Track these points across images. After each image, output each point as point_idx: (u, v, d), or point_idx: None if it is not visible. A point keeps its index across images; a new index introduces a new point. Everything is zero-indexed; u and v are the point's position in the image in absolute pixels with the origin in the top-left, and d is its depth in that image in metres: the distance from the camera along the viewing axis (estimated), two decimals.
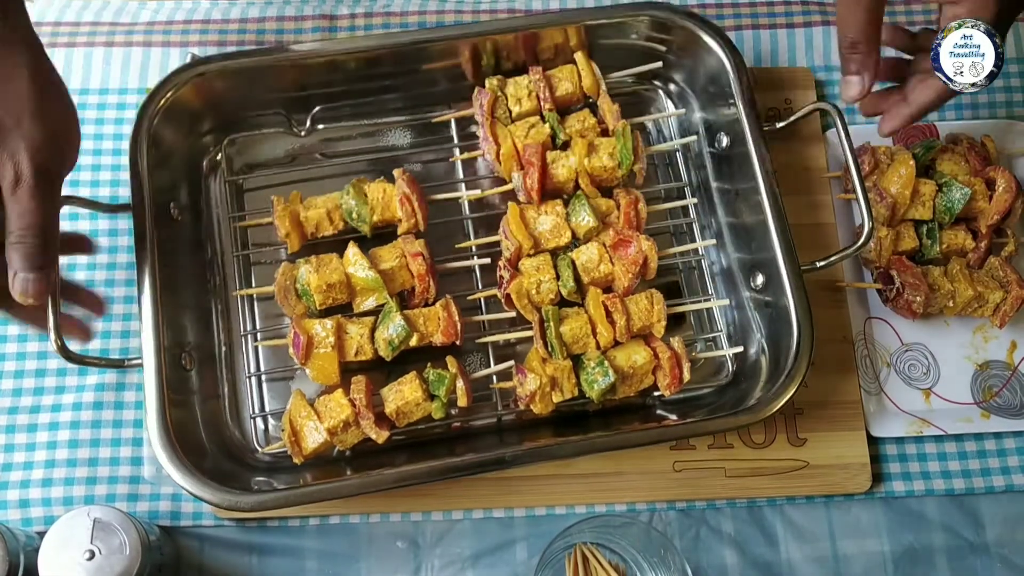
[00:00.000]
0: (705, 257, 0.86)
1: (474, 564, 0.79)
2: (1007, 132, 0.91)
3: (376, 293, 0.76)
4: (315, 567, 0.78)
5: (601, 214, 0.80)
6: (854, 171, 0.76)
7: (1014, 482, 0.83)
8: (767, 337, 0.80)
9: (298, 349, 0.74)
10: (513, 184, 0.81)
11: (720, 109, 0.84)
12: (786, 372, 0.74)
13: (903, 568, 0.80)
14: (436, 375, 0.73)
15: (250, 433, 0.80)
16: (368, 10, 0.95)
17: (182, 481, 0.69)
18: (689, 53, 0.85)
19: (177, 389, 0.73)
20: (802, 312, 0.75)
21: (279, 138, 0.87)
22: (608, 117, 0.82)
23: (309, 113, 0.87)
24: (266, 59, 0.81)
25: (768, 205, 0.77)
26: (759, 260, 0.80)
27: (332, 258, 0.77)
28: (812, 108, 0.81)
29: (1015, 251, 0.87)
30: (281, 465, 0.77)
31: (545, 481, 0.80)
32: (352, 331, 0.75)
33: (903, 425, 0.83)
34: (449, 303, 0.76)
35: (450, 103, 0.87)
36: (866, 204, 0.75)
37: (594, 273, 0.78)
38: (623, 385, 0.76)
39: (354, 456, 0.77)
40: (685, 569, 0.72)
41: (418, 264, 0.76)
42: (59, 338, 0.68)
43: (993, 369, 0.87)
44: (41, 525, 0.77)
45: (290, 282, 0.76)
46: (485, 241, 0.82)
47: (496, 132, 0.81)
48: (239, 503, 0.69)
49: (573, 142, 0.81)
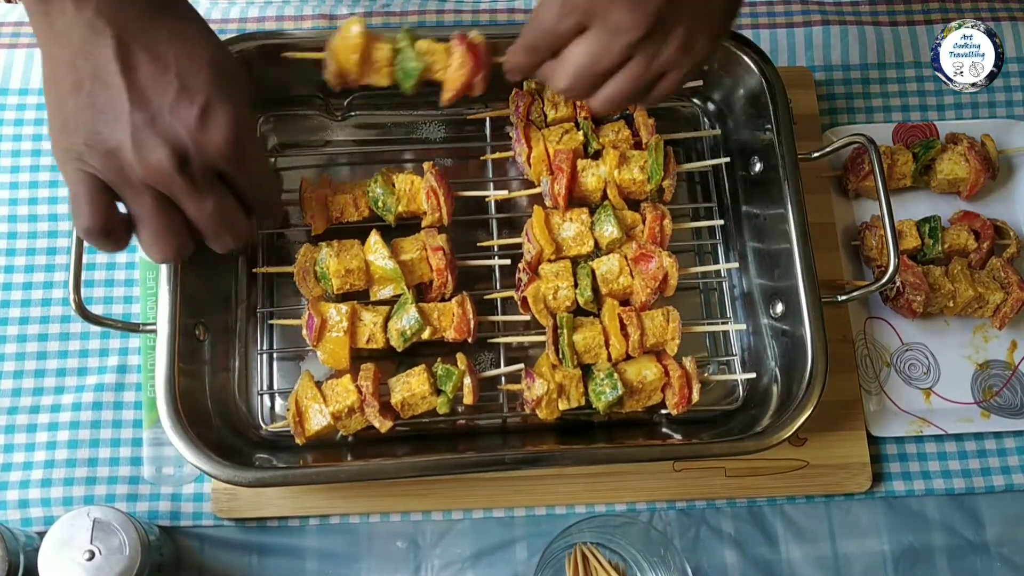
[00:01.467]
0: (727, 279, 0.86)
1: (474, 564, 0.79)
2: (1007, 131, 0.91)
3: (394, 283, 0.76)
4: (315, 567, 0.78)
5: (626, 226, 0.79)
6: (886, 215, 0.75)
7: (1014, 482, 0.83)
8: (781, 366, 0.79)
9: (311, 331, 0.74)
10: (541, 188, 0.81)
11: (756, 132, 0.83)
12: (796, 402, 0.73)
13: (903, 567, 0.80)
14: (445, 370, 0.73)
15: (256, 409, 0.80)
16: (367, 9, 0.95)
17: (184, 450, 0.69)
18: (730, 73, 0.84)
19: (188, 358, 0.73)
20: (818, 344, 0.74)
21: (315, 120, 0.87)
22: (643, 130, 0.82)
23: (347, 99, 0.87)
24: (308, 42, 0.81)
25: (795, 235, 0.76)
26: (780, 288, 0.79)
27: (354, 244, 0.77)
28: (848, 141, 0.79)
29: (1016, 253, 0.87)
30: (283, 444, 0.77)
31: (545, 481, 0.80)
32: (366, 318, 0.75)
33: (903, 425, 0.83)
34: (465, 300, 0.76)
35: (487, 102, 0.87)
36: (894, 245, 0.74)
37: (613, 285, 0.78)
38: (631, 399, 0.76)
39: (356, 443, 0.78)
40: (685, 569, 0.72)
41: (438, 258, 0.76)
42: (77, 295, 0.69)
43: (993, 369, 0.87)
44: (41, 525, 0.77)
45: (310, 264, 0.76)
46: (508, 242, 0.82)
47: (529, 135, 0.81)
48: (236, 477, 0.69)
49: (605, 152, 0.80)
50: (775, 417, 0.75)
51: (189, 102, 0.58)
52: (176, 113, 0.58)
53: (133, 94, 0.57)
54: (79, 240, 0.70)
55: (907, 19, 0.98)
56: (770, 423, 0.74)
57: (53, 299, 0.83)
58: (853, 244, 0.88)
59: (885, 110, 0.94)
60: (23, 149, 0.88)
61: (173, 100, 0.58)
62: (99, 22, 0.57)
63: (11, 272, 0.84)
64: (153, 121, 0.57)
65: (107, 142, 0.57)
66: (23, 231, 0.85)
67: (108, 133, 0.57)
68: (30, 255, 0.85)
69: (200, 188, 0.60)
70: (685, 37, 0.60)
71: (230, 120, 0.59)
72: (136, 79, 0.58)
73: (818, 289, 0.75)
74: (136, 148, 0.57)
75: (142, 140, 0.57)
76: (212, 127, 0.59)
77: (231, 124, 0.59)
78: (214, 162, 0.60)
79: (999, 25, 0.96)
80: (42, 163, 0.87)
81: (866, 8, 0.98)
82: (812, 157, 0.80)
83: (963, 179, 0.88)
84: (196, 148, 0.58)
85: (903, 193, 0.91)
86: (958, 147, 0.88)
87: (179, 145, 0.58)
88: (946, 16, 0.97)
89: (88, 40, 0.57)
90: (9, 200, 0.86)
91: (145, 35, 0.58)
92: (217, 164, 0.60)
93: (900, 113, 0.94)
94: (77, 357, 0.82)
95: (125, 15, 0.57)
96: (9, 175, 0.87)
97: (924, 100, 0.95)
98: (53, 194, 0.87)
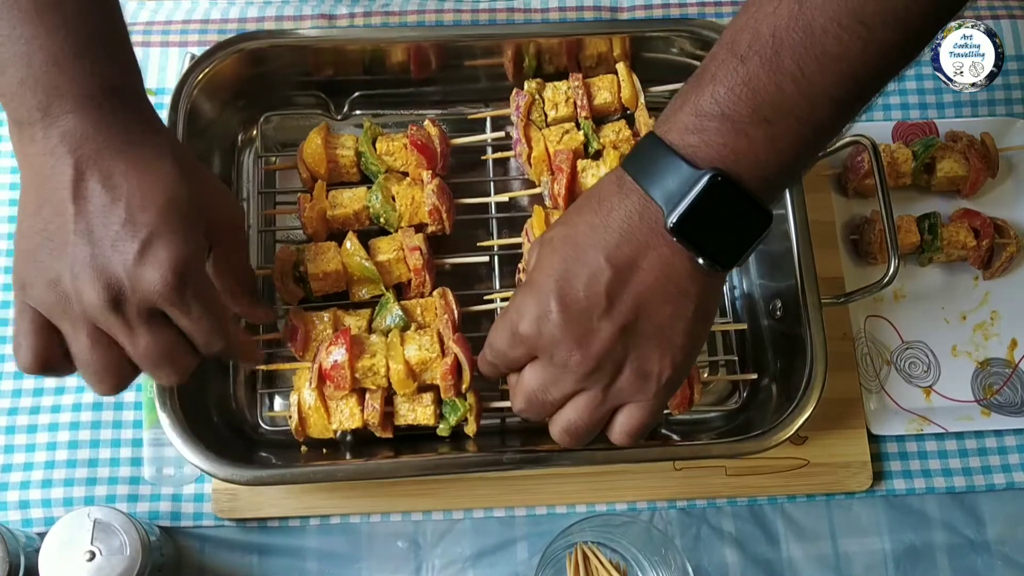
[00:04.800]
0: (727, 280, 0.85)
1: (475, 564, 0.79)
2: (1007, 129, 0.91)
3: (372, 284, 0.77)
4: (316, 567, 0.78)
5: None
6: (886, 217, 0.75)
7: (1015, 480, 0.83)
8: (780, 367, 0.79)
9: (295, 341, 0.73)
10: (541, 188, 0.81)
11: None
12: (794, 404, 0.73)
13: (904, 566, 0.80)
14: (451, 403, 0.73)
15: (256, 408, 0.80)
16: (367, 9, 0.95)
17: (182, 448, 0.68)
18: None
19: None
20: (817, 346, 0.74)
21: (316, 120, 0.87)
22: (643, 130, 0.81)
23: (347, 98, 0.87)
24: (310, 41, 0.82)
25: (796, 236, 0.76)
26: (781, 289, 0.79)
27: (330, 246, 0.76)
28: (848, 142, 0.79)
29: (1016, 252, 0.87)
30: (283, 443, 0.77)
31: (547, 480, 0.80)
32: (349, 322, 0.75)
33: (904, 423, 0.83)
34: (446, 293, 0.76)
35: (488, 102, 0.87)
36: (894, 249, 0.74)
37: None
38: None
39: (356, 443, 0.77)
40: (686, 568, 0.72)
41: (415, 258, 0.76)
42: None
43: (993, 367, 0.87)
44: (41, 526, 0.77)
45: (288, 267, 0.76)
46: (507, 242, 0.82)
47: (530, 135, 0.81)
48: (235, 475, 0.68)
49: (606, 152, 0.80)
50: (774, 418, 0.74)
51: (131, 236, 0.55)
52: (116, 247, 0.55)
53: (79, 224, 0.55)
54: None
55: None
56: (770, 424, 0.74)
57: None
58: (852, 238, 0.88)
59: (884, 108, 0.94)
60: None
61: (116, 233, 0.55)
62: (61, 148, 0.55)
63: (11, 273, 0.84)
64: (92, 255, 0.55)
65: (48, 273, 0.56)
66: None
67: (50, 263, 0.56)
68: None
69: (134, 327, 0.57)
70: (640, 364, 0.57)
71: (172, 257, 0.56)
72: (86, 209, 0.55)
73: (818, 291, 0.75)
74: (72, 281, 0.55)
75: (78, 274, 0.55)
76: (150, 264, 0.55)
77: (172, 262, 0.56)
78: (150, 300, 0.56)
79: (999, 23, 0.96)
80: None
81: None
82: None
83: (963, 177, 0.88)
84: (131, 287, 0.55)
85: (903, 191, 0.91)
86: (958, 145, 0.88)
87: (114, 281, 0.55)
88: None
89: (50, 166, 0.56)
90: (9, 200, 0.86)
91: (104, 166, 0.56)
92: (154, 302, 0.56)
93: (900, 111, 0.94)
94: None
95: (88, 146, 0.55)
96: (9, 175, 0.87)
97: (924, 98, 0.95)
98: None
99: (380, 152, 0.80)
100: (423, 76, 0.86)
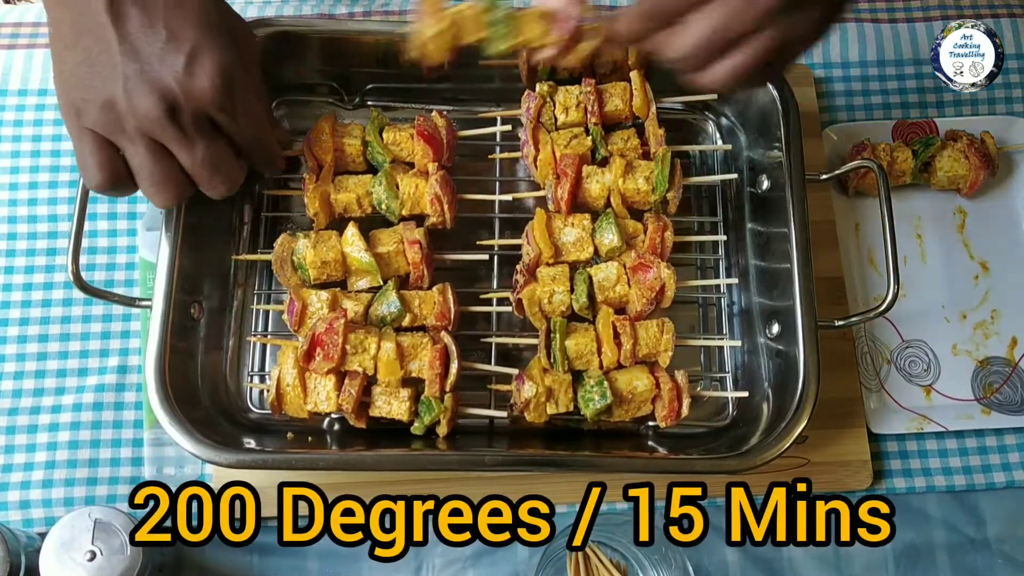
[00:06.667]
0: (726, 296, 0.85)
1: (475, 563, 0.79)
2: (1007, 128, 0.92)
3: (370, 275, 0.77)
4: (316, 567, 0.78)
5: (627, 235, 0.78)
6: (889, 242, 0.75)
7: (1015, 478, 0.83)
8: (773, 387, 0.78)
9: (292, 315, 0.74)
10: (545, 191, 0.81)
11: (765, 151, 0.82)
12: (784, 423, 0.72)
13: (904, 565, 0.80)
14: (428, 403, 0.73)
15: (245, 392, 0.80)
16: (366, 9, 0.95)
17: (168, 426, 0.69)
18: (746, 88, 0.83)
19: (181, 335, 0.73)
20: (811, 368, 0.73)
21: (327, 109, 0.87)
22: (652, 140, 0.81)
23: (361, 89, 0.88)
24: (327, 32, 0.83)
25: (796, 256, 0.76)
26: (778, 308, 0.78)
27: (331, 235, 0.77)
28: (858, 164, 0.80)
29: None
30: (270, 430, 0.78)
31: (547, 479, 0.79)
32: (348, 305, 0.75)
33: (904, 422, 0.83)
34: (446, 288, 0.76)
35: (499, 102, 0.87)
36: (895, 271, 0.74)
37: (609, 292, 0.77)
38: (619, 409, 0.75)
39: (342, 433, 0.78)
40: (686, 567, 0.72)
41: (414, 252, 0.76)
42: (75, 265, 0.70)
43: (993, 365, 0.87)
44: (42, 526, 0.77)
45: (287, 254, 0.77)
46: (508, 242, 0.82)
47: (538, 137, 0.81)
48: (216, 457, 0.69)
49: (612, 159, 0.80)
50: (763, 436, 0.74)
51: (176, 51, 0.60)
52: (164, 62, 0.60)
53: (124, 46, 0.59)
54: (80, 210, 0.71)
55: (906, 16, 0.98)
56: (757, 443, 0.73)
57: (53, 300, 0.83)
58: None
59: (884, 107, 0.94)
60: (23, 150, 0.88)
61: (161, 49, 0.60)
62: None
63: (11, 273, 0.84)
64: (142, 71, 0.60)
65: (101, 94, 0.60)
66: (23, 232, 0.86)
67: (101, 85, 0.60)
68: (30, 256, 0.85)
69: (189, 135, 0.62)
70: (823, 11, 0.55)
71: (217, 66, 0.61)
72: (127, 31, 0.60)
73: (815, 313, 0.75)
74: (127, 98, 0.59)
75: (132, 90, 0.59)
76: (199, 74, 0.60)
77: (218, 70, 0.61)
78: (202, 108, 0.61)
79: (998, 22, 0.96)
80: (41, 163, 0.87)
81: (865, 6, 0.98)
82: (820, 179, 0.80)
83: (963, 176, 0.88)
84: (184, 95, 0.60)
85: (903, 190, 0.91)
86: (958, 144, 0.88)
87: (167, 93, 0.60)
88: (945, 13, 0.97)
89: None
90: (9, 201, 0.86)
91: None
92: (206, 110, 0.62)
93: (900, 111, 0.94)
94: (78, 358, 0.82)
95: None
96: (9, 175, 0.87)
97: (924, 97, 0.95)
98: (52, 195, 0.87)
99: (387, 142, 0.80)
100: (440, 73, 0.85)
